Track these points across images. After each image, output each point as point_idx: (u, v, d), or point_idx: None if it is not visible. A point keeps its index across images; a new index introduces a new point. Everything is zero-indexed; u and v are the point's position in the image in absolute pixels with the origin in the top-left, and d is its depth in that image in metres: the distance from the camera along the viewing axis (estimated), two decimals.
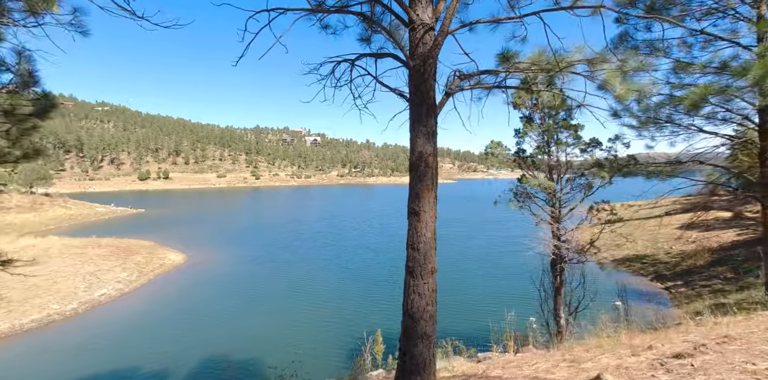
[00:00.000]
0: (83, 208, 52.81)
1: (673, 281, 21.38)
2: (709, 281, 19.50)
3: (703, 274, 20.61)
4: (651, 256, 25.91)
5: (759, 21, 5.79)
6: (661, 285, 21.69)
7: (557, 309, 8.27)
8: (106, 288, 20.15)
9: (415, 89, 3.05)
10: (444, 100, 3.26)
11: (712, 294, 17.82)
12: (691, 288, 19.68)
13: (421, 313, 2.77)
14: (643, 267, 24.77)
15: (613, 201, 11.84)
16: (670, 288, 20.80)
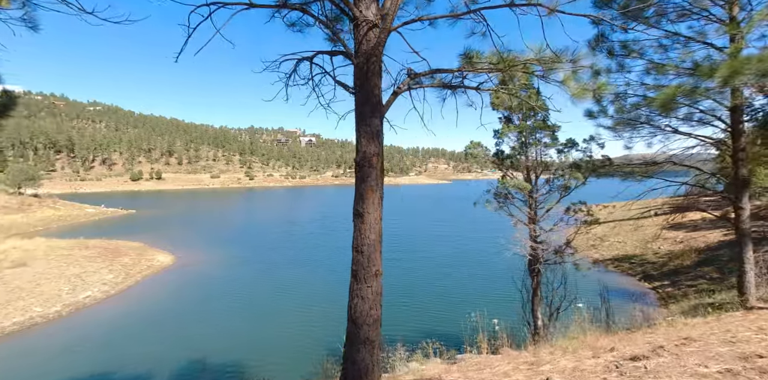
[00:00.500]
0: (73, 209, 52.22)
1: (660, 281, 21.54)
2: (695, 281, 19.66)
3: (689, 274, 20.79)
4: (639, 256, 26.10)
5: (731, 22, 5.82)
6: (648, 285, 21.85)
7: (534, 310, 8.26)
8: (91, 290, 19.90)
9: (359, 88, 2.98)
10: (391, 99, 3.20)
11: (698, 294, 17.96)
12: (677, 288, 19.83)
13: (364, 318, 2.72)
14: (631, 267, 24.94)
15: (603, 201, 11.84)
16: (657, 288, 20.95)
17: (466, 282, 21.75)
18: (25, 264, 21.20)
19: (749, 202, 6.21)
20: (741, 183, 6.14)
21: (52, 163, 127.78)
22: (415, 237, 36.04)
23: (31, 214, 45.20)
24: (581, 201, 7.86)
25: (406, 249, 30.68)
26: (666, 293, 19.99)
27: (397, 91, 3.19)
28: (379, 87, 3.01)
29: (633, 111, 6.75)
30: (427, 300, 18.49)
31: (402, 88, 3.19)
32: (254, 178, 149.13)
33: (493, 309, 15.53)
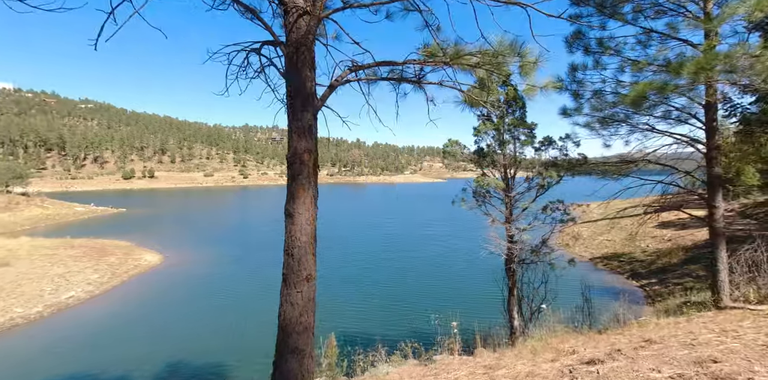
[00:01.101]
0: (61, 208, 51.58)
1: (647, 279, 21.61)
2: (681, 279, 19.74)
3: (676, 272, 20.87)
4: (628, 254, 26.21)
5: (705, 18, 5.72)
6: (636, 283, 21.93)
7: (511, 310, 8.18)
8: (75, 290, 19.61)
9: (289, 80, 2.81)
10: (327, 92, 3.03)
11: (684, 292, 18.03)
12: (664, 286, 19.90)
13: (293, 325, 2.58)
14: (620, 265, 25.04)
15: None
16: (644, 286, 21.02)
17: (456, 282, 21.72)
18: (8, 264, 20.84)
19: (724, 201, 6.14)
20: (715, 181, 6.07)
21: (43, 161, 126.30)
22: (407, 237, 35.98)
23: (19, 213, 44.58)
24: (559, 200, 7.77)
25: (398, 248, 30.61)
26: (653, 291, 20.08)
27: (334, 83, 3.02)
28: (312, 79, 2.84)
29: (609, 109, 6.66)
30: (416, 300, 18.41)
31: (339, 80, 3.02)
32: (248, 176, 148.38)
33: (480, 308, 15.51)
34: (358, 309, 17.36)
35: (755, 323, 3.82)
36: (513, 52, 3.13)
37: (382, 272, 23.63)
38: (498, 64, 3.16)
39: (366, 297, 19.05)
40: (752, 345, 2.96)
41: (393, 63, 3.19)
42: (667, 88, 4.87)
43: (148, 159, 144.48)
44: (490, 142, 7.81)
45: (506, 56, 3.09)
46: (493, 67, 3.23)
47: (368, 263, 26.02)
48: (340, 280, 21.83)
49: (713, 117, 6.04)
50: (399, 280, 22.01)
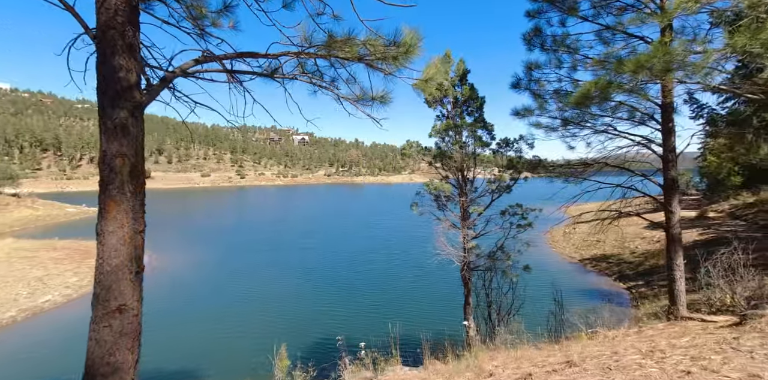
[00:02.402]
0: (52, 209, 51.24)
1: (634, 281, 21.33)
2: (667, 281, 19.44)
3: (662, 274, 20.53)
4: (617, 256, 25.93)
5: (662, 13, 5.42)
6: (623, 285, 21.66)
7: (466, 319, 7.89)
8: (52, 294, 19.29)
9: (97, 71, 2.42)
10: (158, 86, 2.69)
11: (668, 294, 17.79)
12: (650, 288, 19.62)
13: (98, 366, 2.22)
14: (608, 266, 24.77)
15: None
16: (631, 288, 20.75)
17: (439, 286, 21.41)
18: None
19: (679, 206, 5.85)
20: (671, 185, 5.79)
21: (39, 162, 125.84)
22: (397, 239, 35.66)
23: (8, 214, 44.23)
24: (518, 204, 7.47)
25: (385, 251, 30.30)
26: (639, 293, 19.81)
27: (168, 76, 2.68)
28: (128, 69, 2.43)
29: (569, 109, 6.37)
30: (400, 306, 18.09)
31: (177, 73, 2.69)
32: (245, 176, 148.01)
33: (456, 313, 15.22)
34: (331, 315, 17.04)
35: (692, 341, 3.53)
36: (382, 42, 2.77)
37: (366, 276, 23.34)
38: (389, 57, 2.80)
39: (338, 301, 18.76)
40: (670, 372, 2.67)
41: (255, 54, 2.85)
42: (611, 87, 4.58)
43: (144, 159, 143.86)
44: (445, 143, 7.52)
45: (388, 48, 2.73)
46: (379, 60, 2.87)
47: (343, 264, 25.74)
48: (305, 284, 21.56)
49: (670, 118, 5.75)
50: (382, 284, 21.70)
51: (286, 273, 23.68)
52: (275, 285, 21.51)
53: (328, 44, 2.68)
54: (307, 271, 24.12)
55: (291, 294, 19.86)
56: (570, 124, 6.36)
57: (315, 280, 22.13)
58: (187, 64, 2.74)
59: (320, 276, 22.91)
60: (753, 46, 3.40)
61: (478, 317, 9.40)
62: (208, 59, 2.79)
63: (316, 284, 21.40)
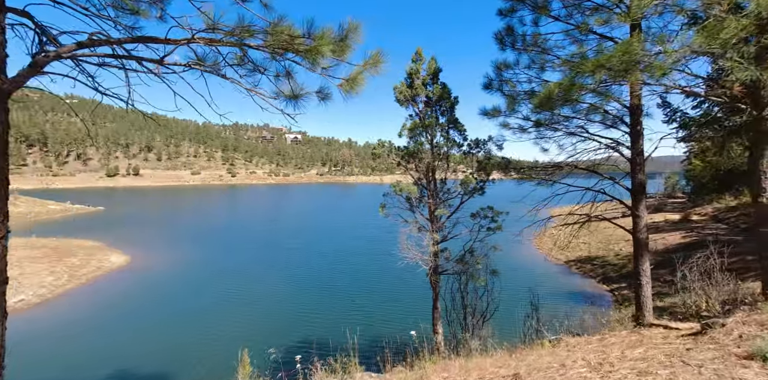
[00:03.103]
0: (34, 206, 50.18)
1: (617, 283, 21.41)
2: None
3: None
4: (601, 258, 26.04)
5: (627, 12, 5.29)
6: (606, 287, 21.73)
7: (434, 324, 7.72)
8: (26, 294, 18.78)
9: None
10: (27, 72, 2.32)
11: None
12: (632, 290, 19.70)
13: None
14: (593, 268, 24.86)
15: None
16: (614, 290, 20.82)
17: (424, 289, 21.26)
18: None
19: (646, 211, 5.74)
20: (638, 189, 5.67)
21: (24, 158, 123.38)
22: (383, 240, 35.46)
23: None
24: (489, 207, 7.31)
25: (370, 252, 30.10)
26: (621, 295, 19.87)
27: (38, 60, 2.40)
28: None
29: (538, 111, 6.23)
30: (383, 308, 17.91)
31: (50, 56, 2.41)
32: (236, 175, 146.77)
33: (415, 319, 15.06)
34: (311, 317, 16.80)
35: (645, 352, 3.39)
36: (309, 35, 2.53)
37: (339, 276, 23.12)
38: (303, 51, 2.58)
39: (319, 303, 18.53)
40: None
41: (154, 39, 2.58)
42: (573, 88, 4.44)
43: (133, 156, 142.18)
44: (413, 143, 7.33)
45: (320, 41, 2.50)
46: (283, 48, 2.63)
47: (326, 266, 25.49)
48: (286, 286, 21.31)
49: (638, 120, 5.64)
50: (352, 285, 21.49)
51: (268, 275, 23.36)
52: (256, 286, 21.19)
53: (232, 31, 2.45)
54: (289, 273, 23.83)
55: (272, 296, 19.57)
56: (540, 125, 6.22)
57: (297, 282, 21.86)
58: (69, 47, 2.48)
59: (302, 278, 22.64)
60: (712, 45, 3.27)
61: (453, 321, 9.24)
62: (96, 43, 2.53)
63: (298, 286, 21.14)
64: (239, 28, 2.43)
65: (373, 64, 2.81)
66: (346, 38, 2.57)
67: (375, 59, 2.80)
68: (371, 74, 2.81)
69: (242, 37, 2.49)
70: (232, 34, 2.47)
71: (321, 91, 2.85)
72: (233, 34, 2.47)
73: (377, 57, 2.81)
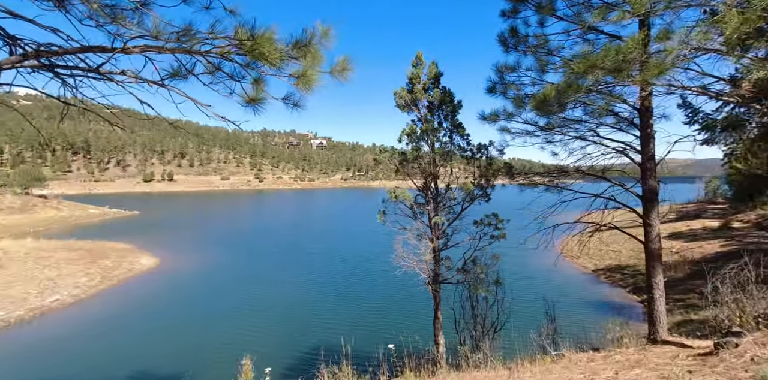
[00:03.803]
0: (75, 210, 53.22)
1: None
2: (684, 295, 18.34)
3: (679, 287, 19.43)
4: (632, 267, 24.72)
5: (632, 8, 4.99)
6: (637, 297, 20.59)
7: (436, 335, 7.47)
8: (61, 294, 19.82)
9: None
10: None
11: (684, 309, 16.76)
12: (666, 302, 18.56)
13: None
14: (623, 278, 23.65)
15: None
16: (645, 301, 19.70)
17: None
18: (1, 266, 21.33)
19: (658, 219, 5.35)
20: (649, 196, 5.30)
21: (69, 165, 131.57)
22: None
23: (34, 215, 46.19)
24: (494, 214, 7.04)
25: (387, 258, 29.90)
26: None
27: None
28: None
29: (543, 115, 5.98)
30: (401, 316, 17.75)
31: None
32: (264, 180, 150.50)
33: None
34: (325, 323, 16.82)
35: (641, 374, 3.10)
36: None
37: (357, 281, 23.06)
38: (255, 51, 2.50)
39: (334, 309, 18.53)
40: None
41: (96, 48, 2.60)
42: (569, 89, 4.21)
43: (167, 162, 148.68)
44: (411, 148, 7.19)
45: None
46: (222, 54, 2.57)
47: (344, 271, 25.50)
48: (304, 290, 21.42)
49: (648, 123, 5.28)
50: (367, 291, 21.37)
51: (288, 280, 23.65)
52: (275, 291, 21.49)
53: (177, 37, 2.45)
54: (308, 278, 24.03)
55: (289, 301, 19.77)
56: (544, 129, 5.95)
57: (314, 287, 22.00)
58: (11, 59, 2.50)
59: (320, 283, 22.77)
60: (711, 42, 3.00)
61: (462, 331, 8.98)
62: (42, 54, 2.60)
63: (315, 291, 21.27)
64: (181, 33, 2.44)
65: (340, 71, 2.76)
66: (310, 43, 2.54)
67: (342, 66, 2.76)
68: (340, 81, 2.76)
69: (191, 44, 2.51)
70: (173, 41, 2.49)
71: (288, 97, 2.83)
72: (172, 41, 2.49)
73: (344, 63, 2.76)
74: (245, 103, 2.83)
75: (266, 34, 2.36)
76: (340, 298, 19.73)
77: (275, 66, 2.51)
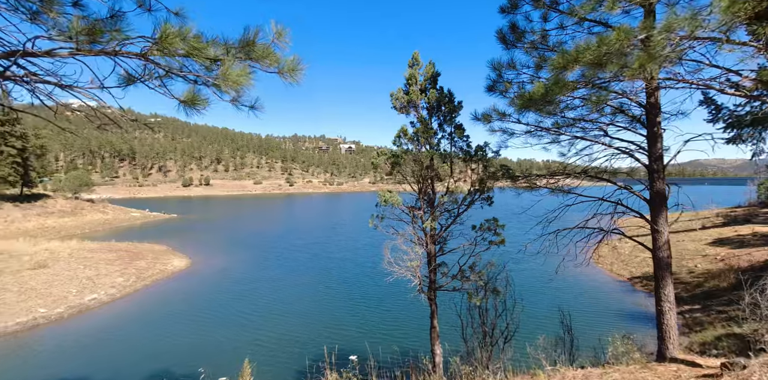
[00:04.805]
0: (119, 213, 56.54)
1: (689, 304, 18.77)
2: (728, 306, 16.88)
3: (723, 298, 17.91)
4: (672, 274, 23.16)
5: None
6: (676, 308, 19.24)
7: (432, 344, 7.16)
8: (98, 293, 21.00)
9: None
10: None
11: (726, 322, 15.44)
12: (706, 313, 17.15)
13: None
14: None
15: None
16: (684, 312, 18.28)
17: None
18: (45, 265, 22.92)
19: (667, 225, 4.87)
20: (657, 199, 4.85)
21: (116, 171, 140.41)
22: None
23: (82, 218, 49.49)
24: (494, 218, 6.68)
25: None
26: (693, 319, 17.42)
27: None
28: None
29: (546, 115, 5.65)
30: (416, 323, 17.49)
31: None
32: (294, 184, 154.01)
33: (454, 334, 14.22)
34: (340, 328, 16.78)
35: None
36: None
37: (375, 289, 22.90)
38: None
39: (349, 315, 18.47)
40: None
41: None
42: (556, 86, 3.91)
43: (205, 168, 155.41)
44: (403, 150, 6.98)
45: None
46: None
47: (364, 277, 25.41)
48: (324, 296, 21.45)
49: (656, 120, 4.84)
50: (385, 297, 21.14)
51: (308, 283, 23.89)
52: (295, 295, 21.75)
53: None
54: (328, 282, 24.17)
55: (306, 305, 19.93)
56: (541, 129, 5.61)
57: (333, 292, 22.08)
58: None
59: (339, 289, 22.82)
60: (698, 28, 2.63)
61: (469, 340, 8.66)
62: None
63: (334, 295, 21.34)
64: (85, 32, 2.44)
65: (289, 71, 2.70)
66: (253, 43, 2.50)
67: (290, 66, 2.69)
68: (289, 81, 2.70)
69: (117, 45, 2.53)
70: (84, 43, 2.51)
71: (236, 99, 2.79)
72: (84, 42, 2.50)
73: (293, 64, 2.70)
74: (180, 104, 2.83)
75: (180, 31, 2.33)
76: (353, 305, 19.67)
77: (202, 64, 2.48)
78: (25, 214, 44.28)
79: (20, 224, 42.14)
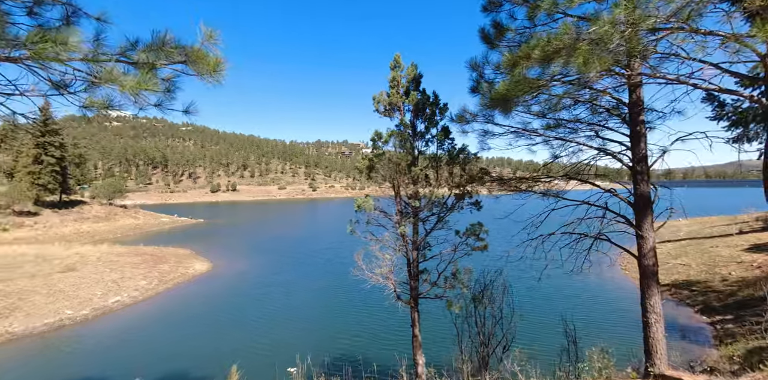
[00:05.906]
0: (150, 218, 58.94)
1: (722, 314, 17.52)
2: (762, 317, 15.62)
3: (758, 308, 16.57)
4: (703, 283, 21.68)
5: None
6: (707, 318, 17.96)
7: (414, 353, 6.90)
8: (121, 295, 21.84)
9: None
10: None
11: (760, 333, 14.30)
12: (740, 324, 15.93)
13: None
14: (691, 295, 20.80)
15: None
16: (716, 323, 17.10)
17: None
18: (74, 269, 24.09)
19: (653, 231, 4.49)
20: (641, 202, 4.48)
21: (149, 177, 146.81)
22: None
23: (114, 223, 51.91)
24: (479, 223, 6.40)
25: None
26: (725, 330, 16.26)
27: None
28: None
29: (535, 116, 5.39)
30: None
31: None
32: (317, 189, 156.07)
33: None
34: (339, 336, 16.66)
35: None
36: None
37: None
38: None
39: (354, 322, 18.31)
40: None
41: None
42: (517, 84, 3.69)
43: (232, 174, 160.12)
44: (374, 155, 6.83)
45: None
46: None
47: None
48: (333, 303, 21.38)
49: (639, 119, 4.49)
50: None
51: (320, 288, 23.96)
52: (307, 300, 21.86)
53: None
54: (336, 288, 24.17)
55: (314, 311, 19.96)
56: (518, 130, 5.33)
57: (338, 299, 22.05)
58: None
59: (344, 296, 22.77)
60: (637, 19, 2.34)
61: (467, 348, 8.39)
62: None
63: (339, 302, 21.31)
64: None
65: (211, 73, 2.67)
66: (164, 45, 2.49)
67: (212, 68, 2.67)
68: (211, 83, 2.68)
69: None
70: None
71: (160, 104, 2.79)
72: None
73: (215, 65, 2.67)
74: (83, 107, 2.84)
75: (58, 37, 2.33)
76: (353, 311, 19.53)
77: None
78: (62, 220, 46.89)
79: (57, 229, 44.64)
